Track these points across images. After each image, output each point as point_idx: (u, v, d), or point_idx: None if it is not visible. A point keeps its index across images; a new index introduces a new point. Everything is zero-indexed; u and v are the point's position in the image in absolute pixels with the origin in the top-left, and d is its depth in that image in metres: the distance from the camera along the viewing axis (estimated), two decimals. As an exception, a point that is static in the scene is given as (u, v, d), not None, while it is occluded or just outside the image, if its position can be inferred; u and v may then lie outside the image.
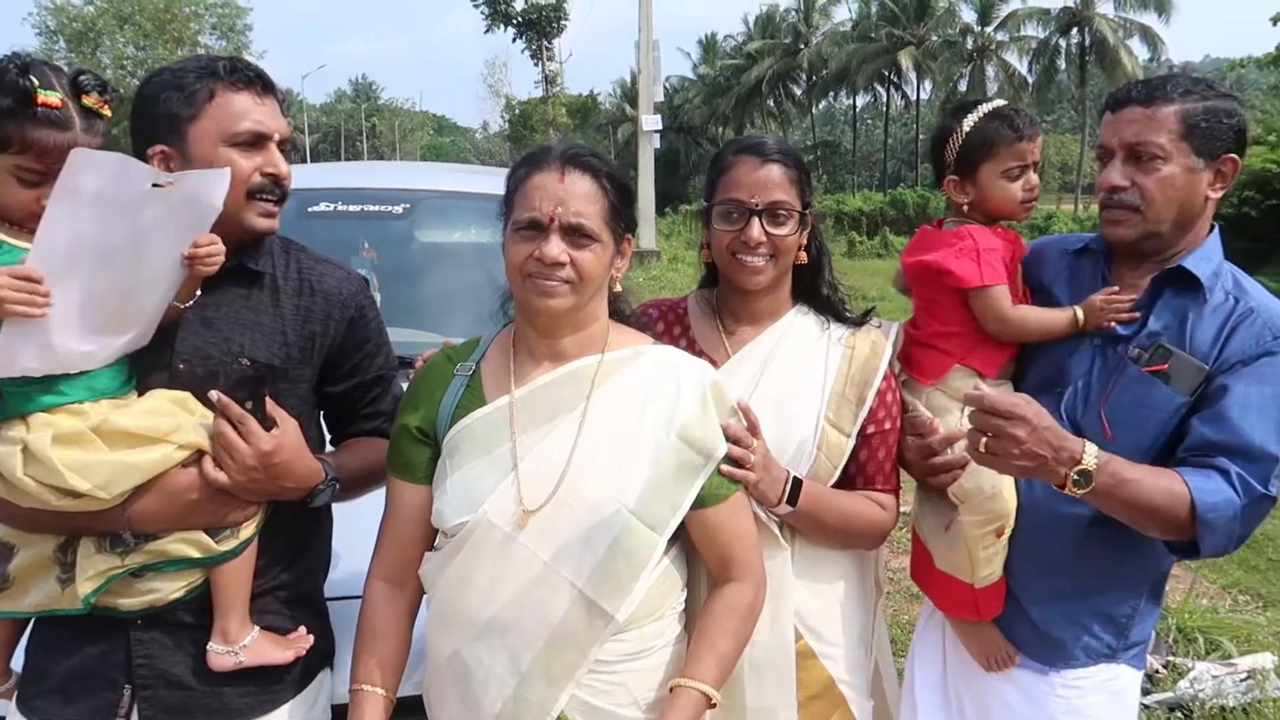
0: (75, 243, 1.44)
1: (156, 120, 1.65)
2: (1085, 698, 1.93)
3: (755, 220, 1.82)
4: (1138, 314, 1.87)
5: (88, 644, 1.67)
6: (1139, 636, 1.95)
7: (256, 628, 1.71)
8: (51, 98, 1.48)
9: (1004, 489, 1.87)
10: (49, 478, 1.48)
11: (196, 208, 1.55)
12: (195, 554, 1.62)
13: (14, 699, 1.73)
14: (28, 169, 1.49)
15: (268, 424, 1.61)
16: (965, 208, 2.01)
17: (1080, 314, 1.89)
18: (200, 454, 1.60)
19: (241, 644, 1.67)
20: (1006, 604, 1.95)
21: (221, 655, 1.67)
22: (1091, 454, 1.65)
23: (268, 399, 1.63)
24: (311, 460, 1.70)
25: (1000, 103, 2.00)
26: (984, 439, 1.62)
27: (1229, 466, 1.71)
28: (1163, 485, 1.69)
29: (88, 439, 1.51)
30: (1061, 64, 45.41)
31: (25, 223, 1.51)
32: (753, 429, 1.72)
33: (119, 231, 1.47)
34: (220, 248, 1.60)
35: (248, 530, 1.66)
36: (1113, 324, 1.87)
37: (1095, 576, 1.89)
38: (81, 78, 1.54)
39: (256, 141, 1.66)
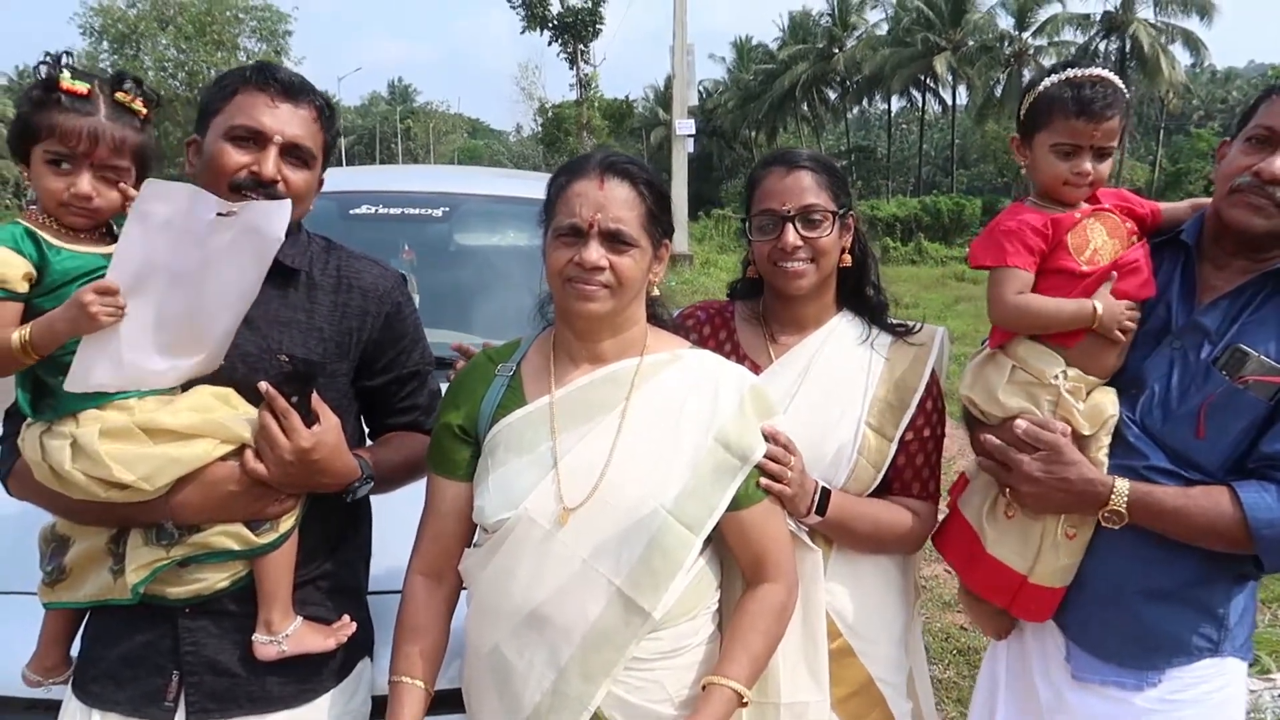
0: (146, 264, 1.51)
1: (200, 112, 1.76)
2: (1180, 711, 1.84)
3: (789, 226, 1.86)
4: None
5: (137, 632, 1.72)
6: (1240, 626, 1.86)
7: (299, 618, 1.75)
8: (78, 86, 1.57)
9: None
10: (95, 470, 1.54)
11: (259, 237, 1.61)
12: (236, 546, 1.66)
13: (70, 684, 1.78)
14: (55, 153, 1.57)
15: (311, 419, 1.66)
16: (1024, 170, 1.92)
17: (1099, 308, 1.78)
18: (241, 448, 1.64)
19: (284, 634, 1.72)
20: (1097, 612, 1.87)
21: (265, 645, 1.71)
22: (1122, 493, 1.74)
23: (314, 395, 1.67)
24: (349, 458, 1.74)
25: (1101, 72, 1.81)
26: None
27: None
28: (1208, 508, 1.71)
29: (133, 434, 1.56)
30: (1101, 69, 44.76)
31: (58, 215, 1.59)
32: (789, 446, 1.75)
33: (188, 256, 1.54)
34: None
35: (286, 524, 1.71)
36: (1129, 326, 1.82)
37: (1190, 569, 1.80)
38: (121, 80, 1.63)
39: (253, 138, 1.70)
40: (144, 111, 1.64)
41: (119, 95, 1.61)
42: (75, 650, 1.80)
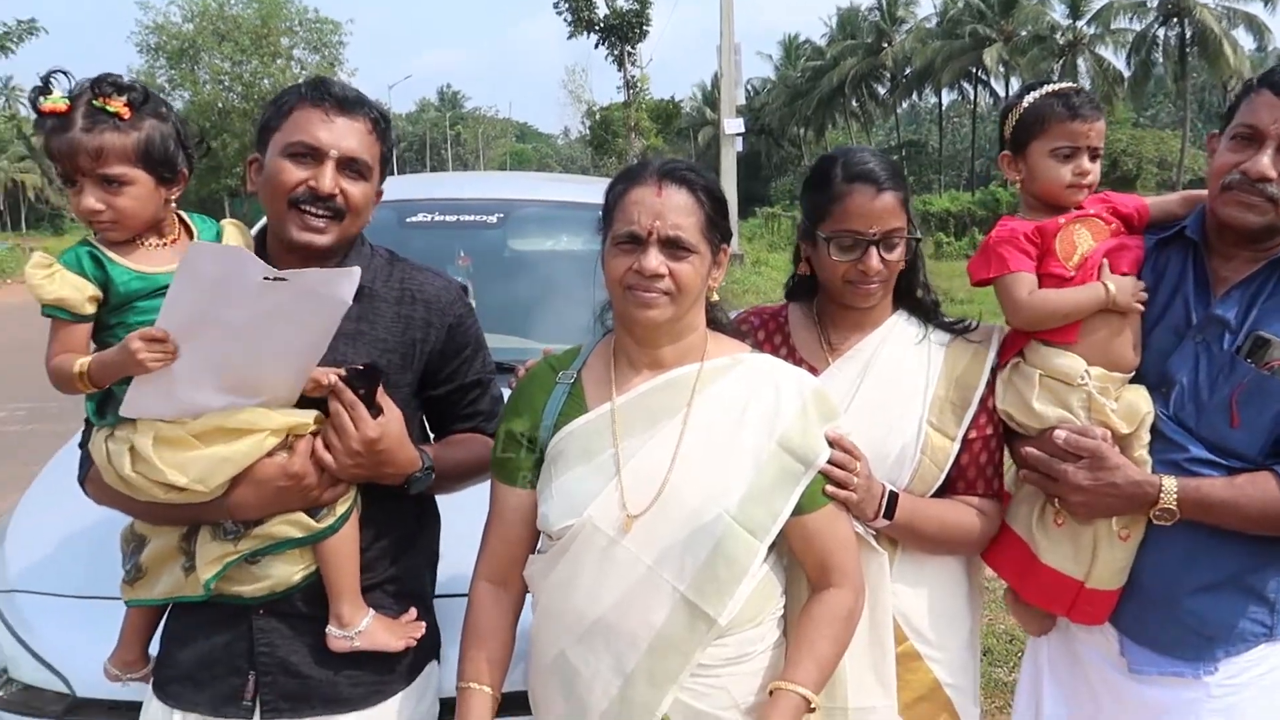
0: (196, 315, 1.53)
1: (260, 129, 1.80)
2: (1239, 694, 1.86)
3: (873, 250, 1.83)
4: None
5: (214, 633, 1.77)
6: None
7: (371, 611, 1.78)
8: (56, 104, 1.58)
9: None
10: (153, 474, 1.59)
11: (319, 301, 1.61)
12: (298, 534, 1.70)
13: (150, 685, 1.84)
14: (60, 175, 1.61)
15: (375, 413, 1.69)
16: (1019, 186, 2.00)
17: (1112, 288, 1.83)
18: (288, 439, 1.68)
19: (356, 629, 1.75)
20: (1152, 608, 1.88)
21: (338, 639, 1.75)
22: (1171, 491, 1.77)
23: (380, 389, 1.71)
24: (411, 449, 1.78)
25: (1070, 85, 1.95)
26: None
27: None
28: (1256, 496, 1.76)
29: (187, 441, 1.61)
30: (1159, 57, 43.70)
31: (93, 228, 1.63)
32: (853, 451, 1.73)
33: (240, 312, 1.55)
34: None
35: (343, 506, 1.74)
36: (1143, 302, 1.87)
37: (1240, 556, 1.83)
38: (97, 84, 1.61)
39: (310, 154, 1.72)
40: (123, 112, 1.60)
41: (95, 101, 1.59)
42: (155, 649, 1.85)
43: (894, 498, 1.81)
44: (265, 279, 1.53)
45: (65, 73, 1.63)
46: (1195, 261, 1.91)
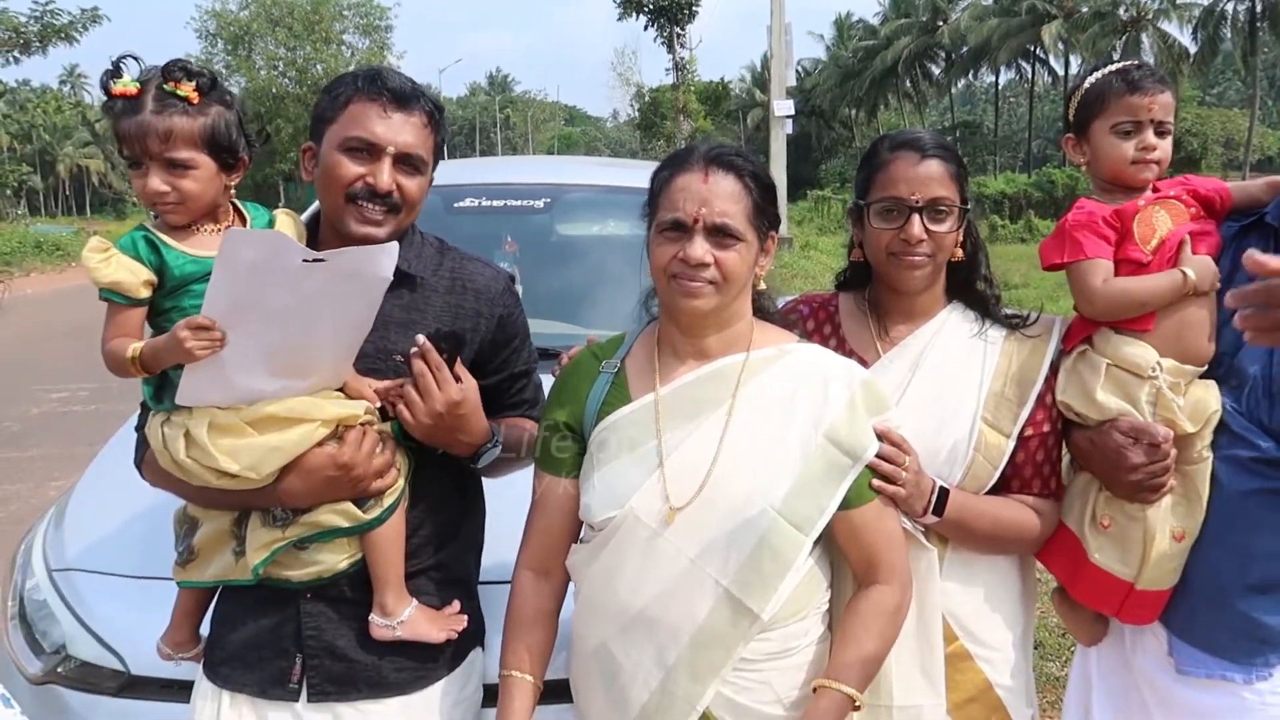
0: (239, 301, 1.54)
1: (314, 119, 1.80)
2: None
3: (916, 218, 1.78)
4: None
5: (263, 616, 1.80)
6: None
7: (414, 601, 1.79)
8: (127, 88, 1.60)
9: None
10: (206, 460, 1.61)
11: (361, 279, 1.62)
12: (345, 523, 1.72)
13: (201, 664, 1.87)
14: (126, 157, 1.64)
15: (456, 379, 1.70)
16: (1085, 167, 1.94)
17: (1191, 274, 1.75)
18: (338, 430, 1.69)
19: (399, 619, 1.77)
20: (1203, 607, 1.82)
21: (381, 628, 1.77)
22: None
23: (458, 360, 1.72)
24: (484, 420, 1.79)
25: (1132, 62, 1.90)
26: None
27: None
28: None
29: (241, 429, 1.63)
30: (1227, 31, 42.26)
31: (161, 215, 1.66)
32: (902, 445, 1.69)
33: (281, 296, 1.56)
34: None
35: (390, 498, 1.75)
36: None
37: None
38: (168, 69, 1.63)
39: (366, 149, 1.72)
40: (193, 96, 1.63)
41: (165, 86, 1.61)
42: (205, 629, 1.88)
43: (944, 494, 1.76)
44: (304, 261, 1.54)
45: (136, 58, 1.66)
46: (1276, 249, 1.81)
